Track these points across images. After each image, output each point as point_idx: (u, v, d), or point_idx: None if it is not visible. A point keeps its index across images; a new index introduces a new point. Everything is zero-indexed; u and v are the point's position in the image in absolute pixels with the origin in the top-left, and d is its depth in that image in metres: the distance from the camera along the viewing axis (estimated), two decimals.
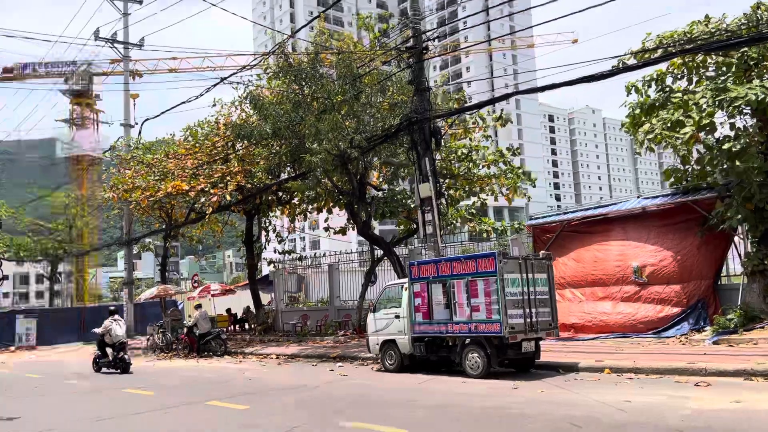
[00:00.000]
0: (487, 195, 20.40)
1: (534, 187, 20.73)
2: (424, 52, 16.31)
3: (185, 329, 21.19)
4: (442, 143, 17.11)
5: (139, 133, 28.27)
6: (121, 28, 29.56)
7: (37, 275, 76.50)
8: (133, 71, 41.44)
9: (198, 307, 21.16)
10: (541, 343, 12.17)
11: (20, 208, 41.23)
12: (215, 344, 19.87)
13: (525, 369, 12.02)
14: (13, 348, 29.34)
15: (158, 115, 22.91)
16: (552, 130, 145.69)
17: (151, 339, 23.90)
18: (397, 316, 13.12)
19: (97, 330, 17.51)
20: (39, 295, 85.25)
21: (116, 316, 17.47)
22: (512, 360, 11.87)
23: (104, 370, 17.17)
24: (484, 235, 21.08)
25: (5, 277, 45.13)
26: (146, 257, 73.68)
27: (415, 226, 19.90)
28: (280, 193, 24.11)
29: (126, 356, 16.91)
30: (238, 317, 29.61)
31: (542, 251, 13.91)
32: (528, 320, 11.54)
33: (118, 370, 16.71)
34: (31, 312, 32.97)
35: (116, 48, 29.56)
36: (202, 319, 20.22)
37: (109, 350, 17.20)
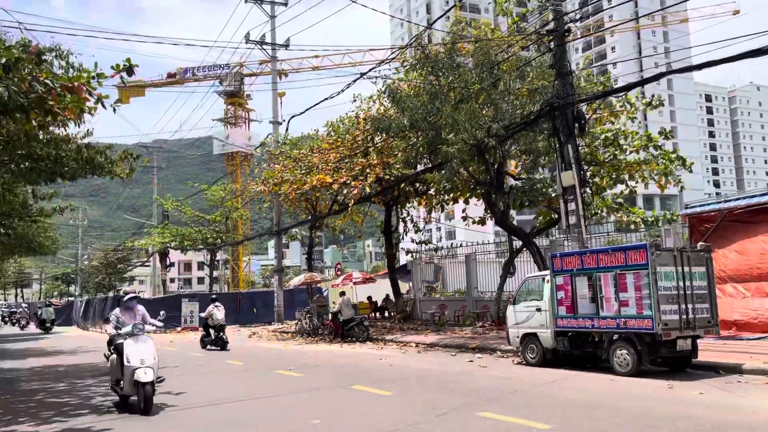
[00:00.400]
0: (636, 182, 19.20)
1: (690, 172, 19.14)
2: (566, 34, 15.64)
3: (330, 315, 22.14)
4: (586, 129, 16.32)
5: (286, 129, 29.91)
6: (268, 30, 31.33)
7: (198, 262, 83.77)
8: (279, 71, 43.75)
9: (342, 294, 22.05)
10: (698, 341, 11.30)
11: (184, 201, 45.07)
12: (358, 330, 20.58)
13: (680, 368, 11.22)
14: (179, 329, 32.42)
15: (303, 112, 24.11)
16: (709, 110, 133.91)
17: (299, 324, 25.30)
18: (539, 309, 12.78)
19: (203, 314, 20.93)
20: (200, 280, 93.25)
21: (217, 303, 20.63)
22: (665, 358, 11.12)
23: (209, 347, 20.31)
24: (632, 226, 19.88)
25: (171, 264, 49.87)
26: (294, 246, 77.98)
27: (556, 216, 19.24)
28: (417, 184, 24.39)
29: (224, 336, 20.31)
30: (378, 305, 30.43)
31: (700, 243, 12.85)
32: (683, 316, 10.75)
33: (218, 347, 20.03)
34: (194, 296, 36.16)
35: (265, 49, 31.38)
36: (345, 306, 21.05)
37: (212, 331, 20.35)
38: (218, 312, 20.40)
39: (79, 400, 10.73)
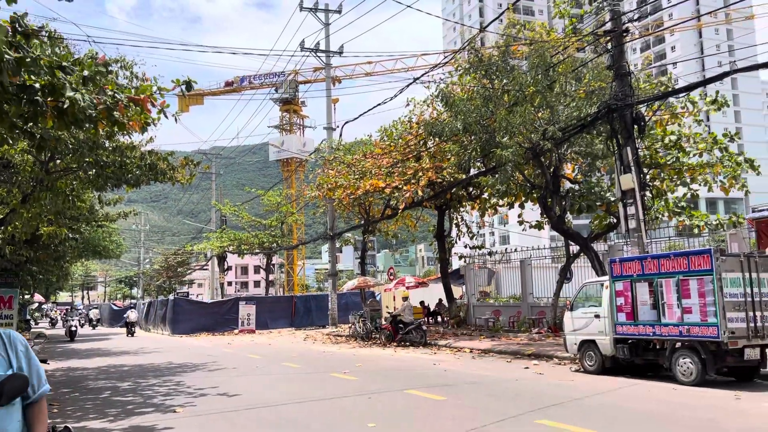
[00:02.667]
0: (699, 185, 18.54)
1: (758, 174, 18.31)
2: (624, 34, 15.28)
3: (389, 318, 22.15)
4: (646, 130, 15.88)
5: (340, 135, 30.20)
6: (323, 38, 31.77)
7: (254, 266, 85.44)
8: (333, 77, 44.26)
9: (405, 299, 22.21)
10: None
11: (241, 206, 46.01)
12: (416, 334, 20.63)
13: (747, 378, 10.77)
14: (236, 331, 33.14)
15: (356, 118, 24.28)
16: None
17: (352, 327, 25.49)
18: (597, 316, 12.50)
19: (125, 315, 34.74)
20: (256, 284, 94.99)
21: (133, 309, 32.66)
22: (732, 368, 10.69)
23: (131, 336, 33.14)
24: (695, 230, 19.18)
25: (229, 268, 51.01)
26: (347, 250, 78.56)
27: (614, 220, 18.78)
28: (471, 188, 24.22)
29: (134, 329, 34.29)
30: (431, 310, 30.32)
31: None
32: (752, 324, 10.32)
33: (131, 335, 33.23)
34: (251, 299, 36.89)
35: (319, 57, 31.82)
36: (407, 311, 21.24)
37: (128, 326, 33.84)
38: (132, 314, 34.87)
39: (142, 399, 11.10)
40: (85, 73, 6.79)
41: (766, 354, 10.73)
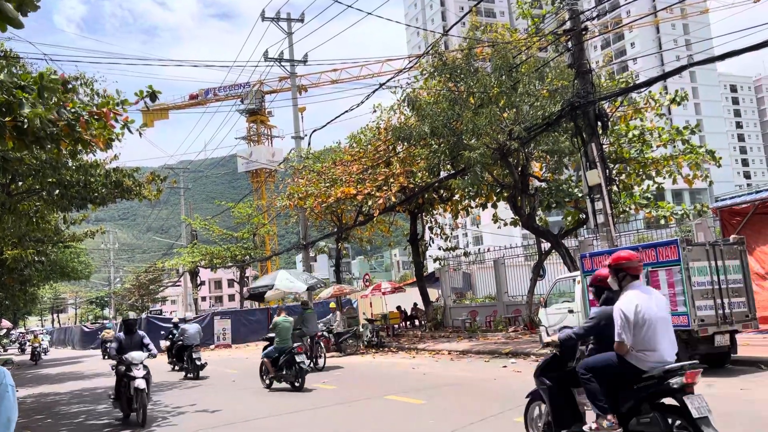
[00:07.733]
0: (664, 178, 18.92)
1: (719, 166, 18.78)
2: (584, 33, 15.54)
3: (324, 330, 21.92)
4: (610, 126, 16.16)
5: (309, 144, 30.05)
6: (286, 47, 31.63)
7: (228, 280, 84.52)
8: (299, 86, 44.12)
9: (333, 310, 23.01)
10: (738, 336, 11.05)
11: (211, 220, 45.48)
12: (351, 342, 21.30)
13: (719, 364, 10.98)
14: (212, 346, 32.69)
15: (324, 126, 24.23)
16: (735, 101, 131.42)
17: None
18: (571, 311, 12.66)
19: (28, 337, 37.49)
20: (231, 297, 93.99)
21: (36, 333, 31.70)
22: (704, 355, 10.88)
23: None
24: (662, 221, 19.57)
25: (202, 283, 50.38)
26: (321, 259, 78.12)
27: (583, 216, 19.05)
28: (442, 191, 24.34)
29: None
30: (408, 314, 30.36)
31: (732, 236, 12.60)
32: (720, 311, 10.54)
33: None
34: (226, 314, 36.43)
35: (284, 66, 31.68)
36: (341, 320, 22.28)
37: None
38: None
39: (119, 422, 10.89)
40: (43, 89, 6.66)
41: (735, 340, 10.96)
